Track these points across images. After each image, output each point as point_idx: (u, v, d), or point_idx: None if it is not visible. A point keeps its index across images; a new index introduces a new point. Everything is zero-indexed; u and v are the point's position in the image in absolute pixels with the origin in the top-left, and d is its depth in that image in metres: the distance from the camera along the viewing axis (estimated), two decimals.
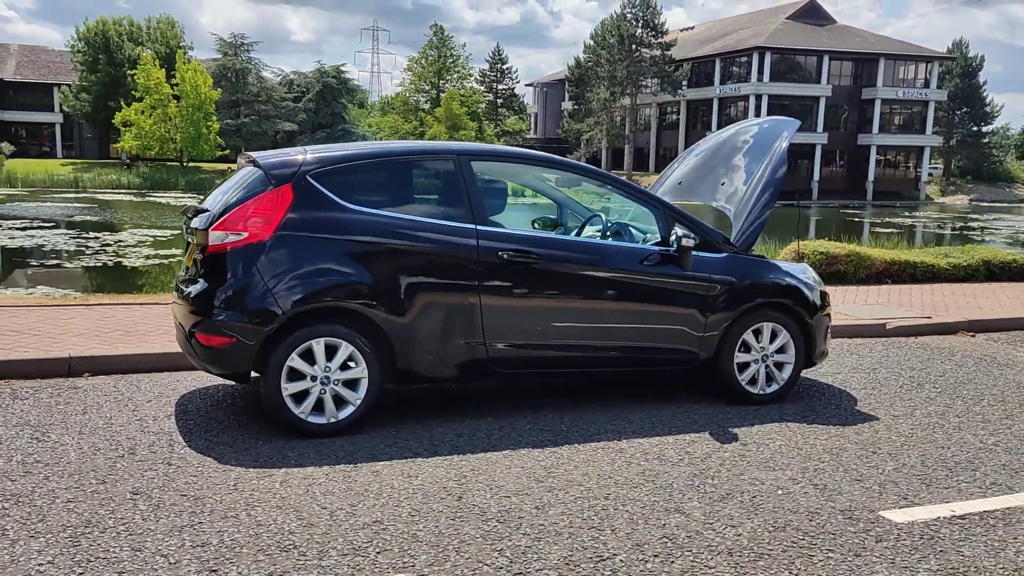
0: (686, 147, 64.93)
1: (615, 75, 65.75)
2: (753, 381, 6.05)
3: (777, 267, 6.18)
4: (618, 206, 7.11)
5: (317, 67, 66.15)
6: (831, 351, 7.90)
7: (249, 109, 61.45)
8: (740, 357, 5.99)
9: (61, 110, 62.88)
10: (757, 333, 6.03)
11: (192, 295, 5.04)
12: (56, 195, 44.51)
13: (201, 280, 5.04)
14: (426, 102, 70.04)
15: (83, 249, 21.43)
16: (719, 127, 63.74)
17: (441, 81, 69.58)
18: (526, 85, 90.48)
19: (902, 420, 5.78)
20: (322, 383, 5.00)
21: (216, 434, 5.02)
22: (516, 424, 5.42)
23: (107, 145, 62.75)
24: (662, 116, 71.05)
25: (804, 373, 6.95)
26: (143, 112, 54.78)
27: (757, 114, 60.35)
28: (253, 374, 5.17)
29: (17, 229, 25.81)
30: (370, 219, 5.11)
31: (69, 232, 25.44)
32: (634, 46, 65.56)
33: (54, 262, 19.51)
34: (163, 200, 42.63)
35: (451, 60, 69.54)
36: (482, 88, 74.63)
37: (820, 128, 61.92)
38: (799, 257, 11.54)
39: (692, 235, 5.72)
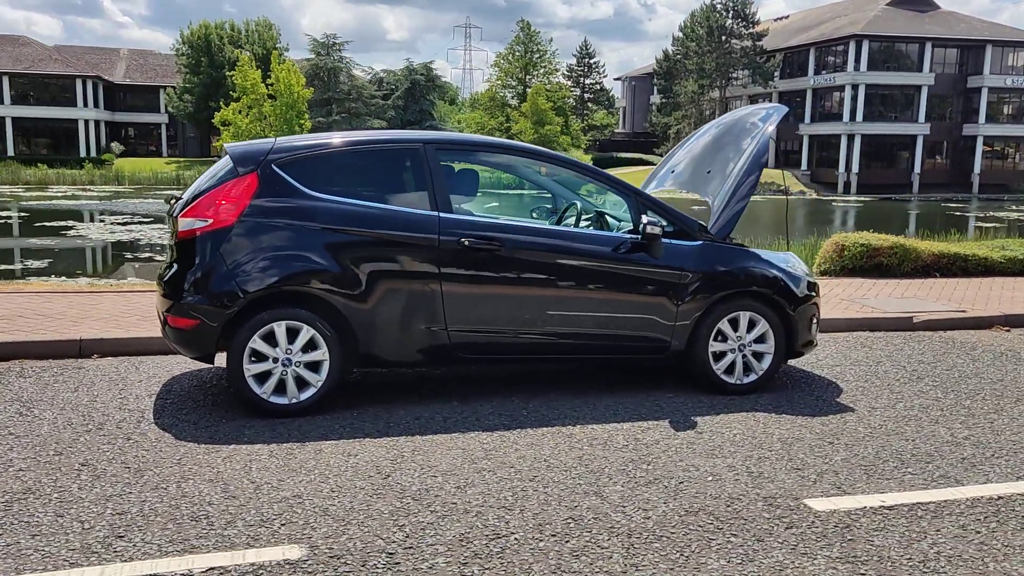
0: (777, 139, 62.38)
1: (703, 67, 64.77)
2: (730, 371, 5.98)
3: (757, 256, 6.09)
4: (615, 196, 7.10)
5: (406, 65, 67.36)
6: (850, 344, 7.70)
7: (340, 107, 63.06)
8: (716, 346, 5.93)
9: (166, 111, 65.90)
10: (734, 322, 5.95)
11: (166, 279, 5.30)
12: (160, 192, 46.61)
13: (175, 265, 5.30)
14: (512, 98, 70.37)
15: None
16: (812, 119, 62.09)
17: (528, 76, 69.82)
18: (614, 79, 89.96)
19: (879, 412, 5.62)
20: (284, 364, 5.20)
21: (187, 412, 5.27)
22: (479, 409, 5.51)
23: (208, 144, 65.39)
24: None
25: (797, 363, 6.83)
26: (240, 112, 56.82)
27: (854, 104, 58.55)
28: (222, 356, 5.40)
29: (119, 224, 27.19)
30: (332, 207, 5.28)
31: (165, 227, 26.67)
32: (724, 37, 64.48)
33: (147, 255, 20.47)
34: None
35: (537, 55, 69.69)
36: (569, 83, 74.56)
37: (922, 118, 59.59)
38: (840, 249, 11.23)
39: (660, 222, 5.69)
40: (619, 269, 5.71)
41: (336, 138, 5.64)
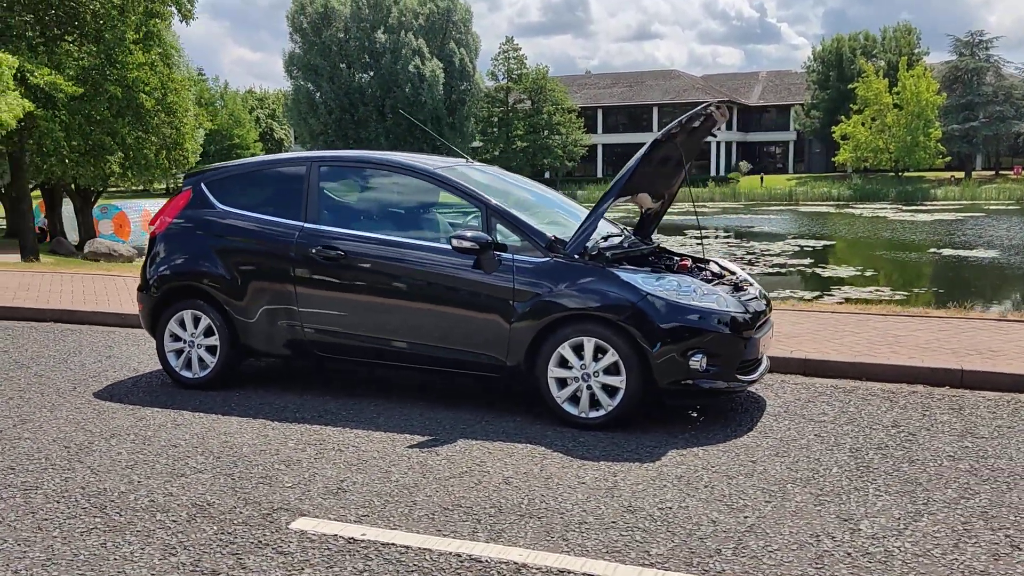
0: None
1: None
2: (575, 401, 5.18)
3: (613, 277, 5.17)
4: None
5: None
6: (955, 405, 5.62)
7: (983, 112, 56.73)
8: (559, 372, 5.23)
9: (794, 128, 67.37)
10: (577, 349, 5.14)
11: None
12: (764, 208, 48.24)
13: None
14: None
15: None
16: None
17: None
18: None
19: (688, 470, 4.45)
20: (189, 346, 6.30)
21: (154, 377, 6.68)
22: (325, 404, 5.86)
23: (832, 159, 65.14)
24: None
25: (779, 408, 5.37)
26: (863, 124, 55.51)
27: None
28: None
29: (694, 238, 27.70)
30: (224, 217, 6.21)
31: (731, 240, 28.45)
32: None
33: None
34: (860, 211, 42.84)
35: None
36: None
37: None
38: None
39: (482, 238, 5.31)
40: (449, 283, 5.52)
41: (252, 160, 6.58)
